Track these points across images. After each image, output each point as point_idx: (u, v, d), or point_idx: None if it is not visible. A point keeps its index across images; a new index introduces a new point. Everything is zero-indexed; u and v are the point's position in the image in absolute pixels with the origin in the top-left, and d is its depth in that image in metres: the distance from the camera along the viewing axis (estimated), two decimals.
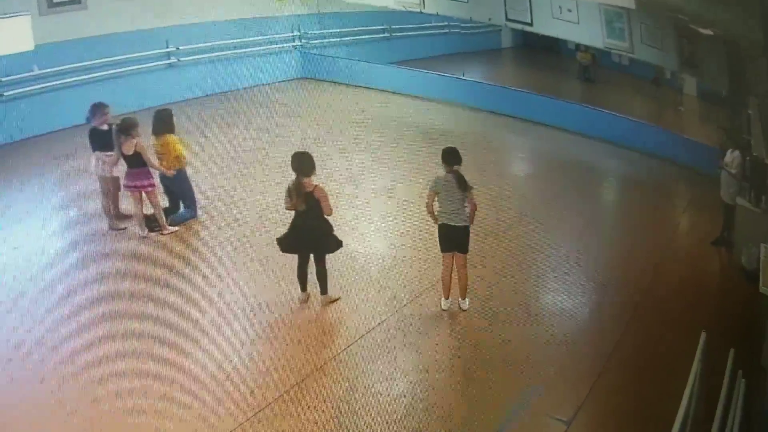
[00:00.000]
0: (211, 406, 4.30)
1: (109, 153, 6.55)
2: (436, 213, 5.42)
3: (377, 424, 4.22)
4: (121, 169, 6.63)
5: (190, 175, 6.98)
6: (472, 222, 5.40)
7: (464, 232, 5.39)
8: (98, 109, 6.64)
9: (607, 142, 10.89)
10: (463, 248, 5.44)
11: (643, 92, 13.37)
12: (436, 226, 5.46)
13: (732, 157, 7.25)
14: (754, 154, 7.41)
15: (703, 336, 4.76)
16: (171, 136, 6.76)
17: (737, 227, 7.24)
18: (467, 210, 5.35)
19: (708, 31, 8.70)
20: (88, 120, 6.68)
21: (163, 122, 6.77)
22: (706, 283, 6.71)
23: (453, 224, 5.36)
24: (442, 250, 5.50)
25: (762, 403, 5.00)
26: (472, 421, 4.32)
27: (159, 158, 6.70)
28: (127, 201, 6.72)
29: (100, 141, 6.60)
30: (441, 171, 5.39)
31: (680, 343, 5.08)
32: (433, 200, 5.39)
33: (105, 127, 6.64)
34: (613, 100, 13.03)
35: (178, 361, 4.82)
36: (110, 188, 6.69)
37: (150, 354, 4.81)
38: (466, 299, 5.57)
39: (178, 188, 6.95)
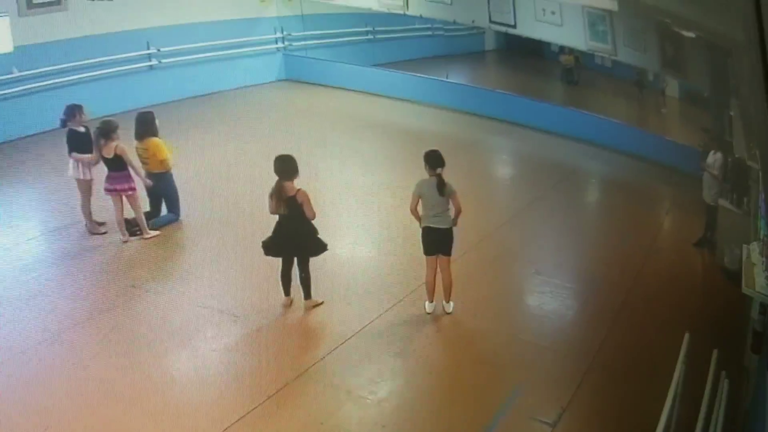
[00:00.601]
0: (192, 413, 4.23)
1: (87, 155, 6.44)
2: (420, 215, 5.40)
3: (362, 429, 4.18)
4: (98, 173, 6.52)
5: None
6: (455, 224, 5.38)
7: (448, 234, 5.38)
8: (73, 110, 6.53)
9: (590, 144, 10.93)
10: (447, 251, 5.42)
11: (626, 94, 13.44)
12: (420, 229, 5.43)
13: (714, 158, 7.30)
14: (736, 155, 7.46)
15: (686, 337, 4.77)
16: (155, 139, 6.69)
17: (719, 228, 7.29)
18: (451, 213, 5.34)
19: (690, 34, 8.77)
20: (63, 123, 6.56)
21: (146, 125, 6.69)
22: (689, 284, 6.72)
23: (436, 227, 5.35)
24: (426, 253, 5.47)
25: (745, 403, 5.02)
26: (457, 424, 4.29)
27: (143, 162, 6.62)
28: (104, 206, 6.59)
29: (77, 143, 6.49)
30: (425, 174, 5.36)
31: (664, 344, 5.07)
32: (417, 203, 5.37)
33: (81, 129, 6.54)
34: (596, 102, 13.09)
35: (159, 367, 4.75)
36: (87, 192, 6.57)
37: (129, 361, 4.72)
38: (451, 302, 5.55)
39: (163, 191, 6.86)
